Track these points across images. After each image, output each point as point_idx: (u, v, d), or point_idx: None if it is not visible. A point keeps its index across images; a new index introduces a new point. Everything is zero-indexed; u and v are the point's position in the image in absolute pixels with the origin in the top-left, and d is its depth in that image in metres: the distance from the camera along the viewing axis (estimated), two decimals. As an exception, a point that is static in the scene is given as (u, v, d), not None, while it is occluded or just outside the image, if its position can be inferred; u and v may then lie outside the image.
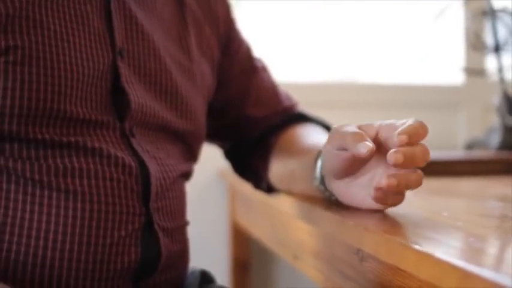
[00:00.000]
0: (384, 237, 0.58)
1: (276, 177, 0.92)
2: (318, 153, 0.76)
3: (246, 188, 1.26)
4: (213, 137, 1.02)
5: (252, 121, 0.99)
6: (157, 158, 0.78)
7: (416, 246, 0.52)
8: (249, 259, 1.79)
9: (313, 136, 0.90)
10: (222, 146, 1.04)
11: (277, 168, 0.92)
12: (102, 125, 0.73)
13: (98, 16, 0.75)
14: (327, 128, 0.98)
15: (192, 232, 0.88)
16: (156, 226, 0.76)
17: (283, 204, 0.96)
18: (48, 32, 0.69)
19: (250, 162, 0.98)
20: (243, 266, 1.77)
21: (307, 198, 0.87)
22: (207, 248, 1.78)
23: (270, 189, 0.96)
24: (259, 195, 1.16)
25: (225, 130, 1.00)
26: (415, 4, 2.02)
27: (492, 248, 0.55)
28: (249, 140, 0.99)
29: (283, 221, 1.11)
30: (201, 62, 0.90)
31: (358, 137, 0.64)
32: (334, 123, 0.99)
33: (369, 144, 0.62)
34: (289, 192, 0.89)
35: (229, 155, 1.03)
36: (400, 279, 0.61)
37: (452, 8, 1.83)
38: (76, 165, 0.70)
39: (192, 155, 0.88)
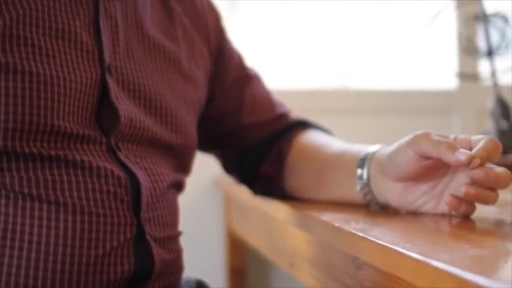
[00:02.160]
0: (380, 245, 0.58)
1: (298, 185, 0.92)
2: (361, 159, 0.79)
3: (241, 196, 1.26)
4: (212, 147, 1.01)
5: (249, 128, 0.98)
6: (147, 169, 0.78)
7: (413, 254, 0.52)
8: (245, 267, 1.78)
9: (335, 143, 0.91)
10: (221, 157, 1.03)
11: (300, 176, 0.92)
12: (89, 140, 0.73)
13: (87, 31, 0.75)
14: (328, 133, 0.99)
15: (187, 240, 0.88)
16: (147, 236, 0.76)
17: (279, 212, 0.96)
18: (33, 49, 0.69)
19: (260, 170, 0.97)
20: (239, 274, 1.77)
21: (303, 206, 0.87)
22: (203, 257, 1.77)
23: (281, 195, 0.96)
24: (255, 203, 1.16)
25: (224, 139, 1.00)
26: (407, 9, 2.02)
27: (489, 255, 0.55)
28: (255, 148, 0.98)
29: (280, 229, 1.10)
30: (194, 74, 0.89)
31: (454, 146, 0.67)
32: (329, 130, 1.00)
33: (468, 152, 0.66)
34: (313, 199, 0.90)
35: (234, 166, 1.02)
36: (397, 287, 0.60)
37: (445, 12, 1.84)
38: (65, 177, 0.71)
39: (183, 168, 0.88)
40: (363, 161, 0.79)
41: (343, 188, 0.82)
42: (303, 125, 0.98)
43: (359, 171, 0.79)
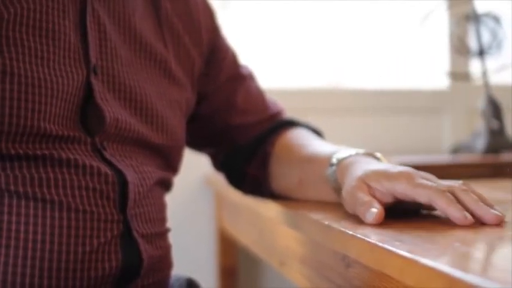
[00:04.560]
0: (369, 243, 0.58)
1: (282, 186, 0.92)
2: (329, 166, 0.79)
3: (232, 194, 1.26)
4: (204, 145, 1.01)
5: (241, 128, 0.98)
6: (134, 166, 0.78)
7: (402, 252, 0.52)
8: (236, 266, 1.78)
9: (313, 143, 0.91)
10: (213, 156, 1.03)
11: (282, 178, 0.92)
12: (74, 140, 0.73)
13: (74, 32, 0.74)
14: (316, 132, 0.99)
15: (178, 239, 0.88)
16: (134, 233, 0.76)
17: (270, 210, 0.96)
18: (22, 49, 0.69)
19: (248, 171, 0.97)
20: (230, 272, 1.76)
21: (293, 205, 0.87)
22: (194, 255, 1.77)
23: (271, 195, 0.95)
24: (245, 202, 1.16)
25: (215, 138, 0.99)
26: (399, 9, 2.02)
27: (478, 253, 0.55)
28: (243, 148, 0.98)
29: (270, 228, 1.10)
30: (180, 75, 0.89)
31: (367, 203, 0.67)
32: (320, 129, 1.00)
33: (375, 211, 0.65)
34: (299, 199, 0.89)
35: (223, 165, 1.02)
36: (386, 285, 0.60)
37: (437, 12, 1.84)
38: (51, 175, 0.70)
39: (170, 167, 0.88)
40: (329, 172, 0.79)
41: (323, 191, 0.82)
42: (288, 124, 0.98)
43: (332, 182, 0.79)
